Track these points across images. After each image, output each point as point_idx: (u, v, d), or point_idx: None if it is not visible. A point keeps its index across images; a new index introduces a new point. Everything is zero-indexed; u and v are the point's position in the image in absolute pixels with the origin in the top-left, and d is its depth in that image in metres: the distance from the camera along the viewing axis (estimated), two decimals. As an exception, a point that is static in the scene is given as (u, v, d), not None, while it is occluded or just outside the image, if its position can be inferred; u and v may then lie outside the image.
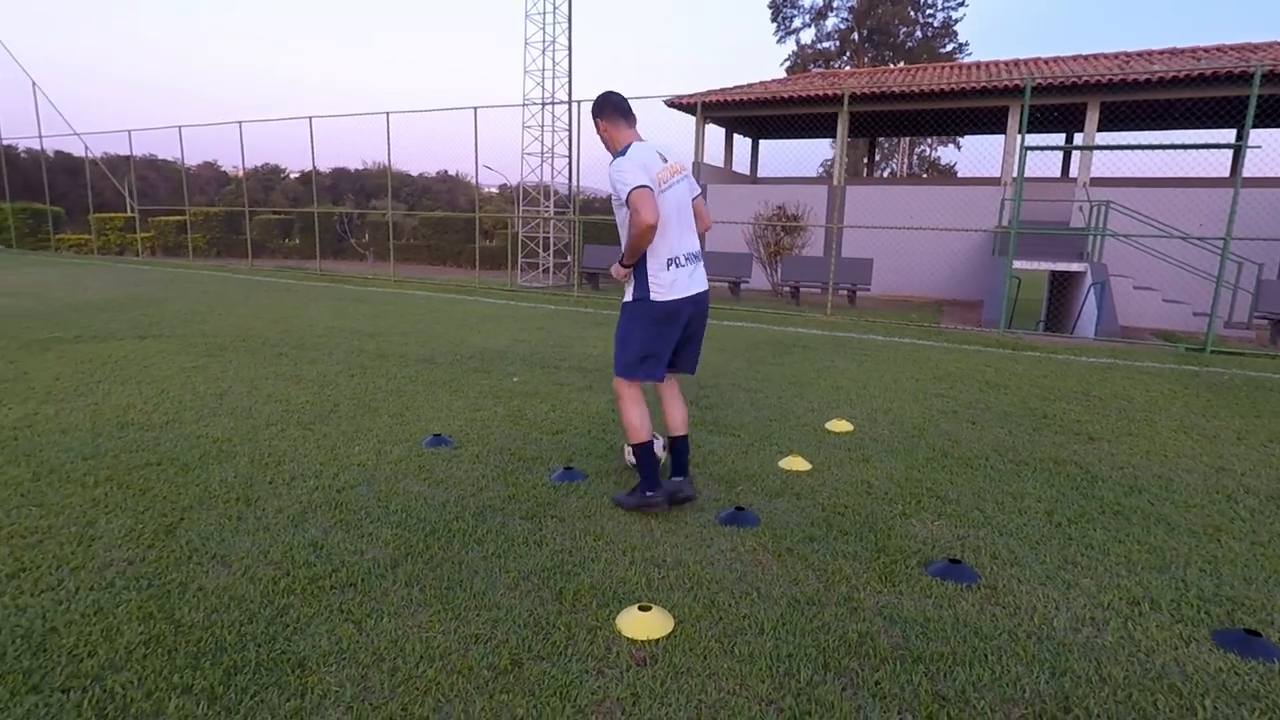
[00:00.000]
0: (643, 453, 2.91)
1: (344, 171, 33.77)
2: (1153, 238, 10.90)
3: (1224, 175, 15.61)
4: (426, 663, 1.90)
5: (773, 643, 2.04)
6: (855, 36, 39.83)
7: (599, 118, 2.92)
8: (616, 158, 2.78)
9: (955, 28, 39.18)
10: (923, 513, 3.02)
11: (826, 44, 40.93)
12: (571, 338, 7.46)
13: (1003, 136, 14.72)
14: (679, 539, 2.70)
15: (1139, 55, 15.39)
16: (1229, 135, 16.48)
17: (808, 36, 41.32)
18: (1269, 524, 3.01)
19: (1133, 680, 1.92)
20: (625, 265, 2.84)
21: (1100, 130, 14.36)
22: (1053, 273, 13.09)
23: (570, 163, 14.83)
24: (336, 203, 29.60)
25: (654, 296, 2.84)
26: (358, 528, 2.72)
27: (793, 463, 3.56)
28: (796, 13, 40.75)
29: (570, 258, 15.53)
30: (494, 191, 29.33)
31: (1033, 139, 21.39)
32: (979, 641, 2.07)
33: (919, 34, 39.71)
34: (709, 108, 16.24)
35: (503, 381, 5.28)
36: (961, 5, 39.11)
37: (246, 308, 9.18)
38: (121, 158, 22.13)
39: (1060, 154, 17.80)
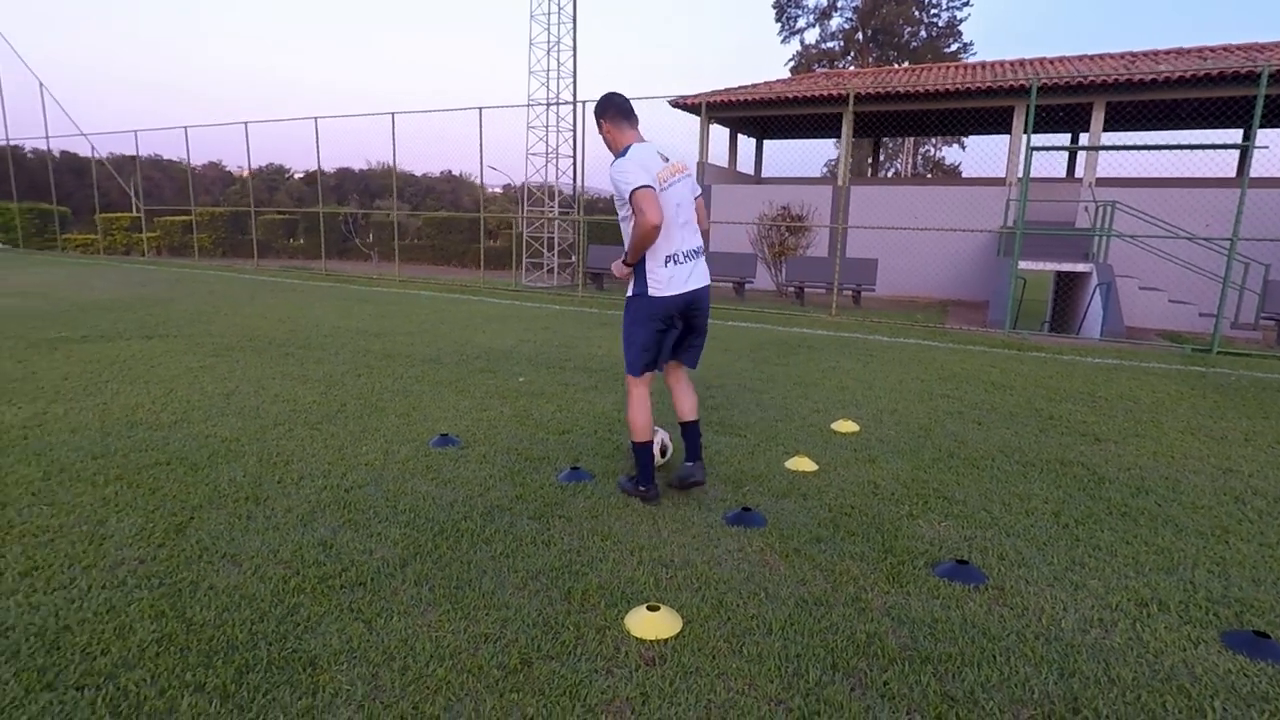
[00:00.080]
0: (640, 452, 3.05)
1: (349, 171, 33.83)
2: (1159, 238, 10.86)
3: (1230, 175, 15.54)
4: (436, 662, 1.92)
5: (781, 643, 2.05)
6: (860, 36, 39.81)
7: (601, 118, 2.99)
8: (617, 158, 2.87)
9: (960, 27, 39.23)
10: (929, 513, 3.02)
11: (831, 44, 40.95)
12: (576, 338, 7.47)
13: (1008, 136, 14.70)
14: (686, 539, 2.71)
15: (1145, 55, 15.36)
16: (1236, 135, 16.41)
17: (812, 36, 41.41)
18: (1277, 525, 3.00)
19: (1141, 681, 1.92)
20: (628, 264, 2.93)
21: (1106, 130, 14.33)
22: (1058, 273, 13.07)
23: (575, 163, 14.85)
24: (341, 203, 29.67)
25: (652, 292, 2.93)
26: (366, 527, 2.73)
27: (799, 463, 3.56)
28: (801, 13, 40.78)
29: (575, 258, 15.55)
30: (498, 192, 29.39)
31: (1038, 139, 21.37)
32: (987, 642, 2.08)
33: (924, 34, 39.68)
34: (713, 108, 16.24)
35: (509, 381, 5.29)
36: (966, 5, 39.10)
37: (252, 308, 9.21)
38: (127, 158, 22.26)
39: (1066, 154, 17.76)
